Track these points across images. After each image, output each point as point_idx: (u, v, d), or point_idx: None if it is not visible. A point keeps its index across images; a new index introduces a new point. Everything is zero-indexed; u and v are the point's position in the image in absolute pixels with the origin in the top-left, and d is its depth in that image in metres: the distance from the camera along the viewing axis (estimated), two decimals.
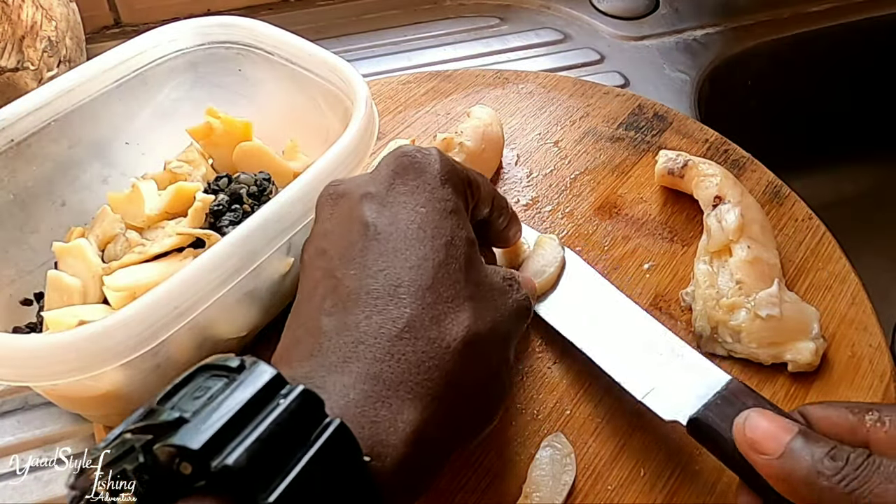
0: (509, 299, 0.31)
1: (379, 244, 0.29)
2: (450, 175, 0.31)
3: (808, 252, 0.44)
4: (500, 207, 0.36)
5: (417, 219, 0.29)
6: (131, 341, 0.28)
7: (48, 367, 0.28)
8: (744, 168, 0.49)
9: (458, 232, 0.30)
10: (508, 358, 0.31)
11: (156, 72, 0.42)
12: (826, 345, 0.38)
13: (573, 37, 0.66)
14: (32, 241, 0.39)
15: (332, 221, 0.31)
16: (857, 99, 0.76)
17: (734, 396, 0.30)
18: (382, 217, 0.29)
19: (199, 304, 0.30)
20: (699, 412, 0.30)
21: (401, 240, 0.29)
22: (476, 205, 0.34)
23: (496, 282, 0.31)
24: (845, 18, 0.69)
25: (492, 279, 0.31)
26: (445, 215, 0.30)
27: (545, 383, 0.37)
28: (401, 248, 0.28)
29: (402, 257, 0.28)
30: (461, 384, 0.27)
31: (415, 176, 0.31)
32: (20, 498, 0.35)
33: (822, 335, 0.38)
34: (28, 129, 0.37)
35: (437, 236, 0.29)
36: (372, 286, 0.27)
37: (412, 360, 0.26)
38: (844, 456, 0.25)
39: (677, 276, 0.42)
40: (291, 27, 0.43)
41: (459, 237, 0.30)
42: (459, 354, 0.27)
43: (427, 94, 0.55)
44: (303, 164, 0.41)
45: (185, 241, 0.36)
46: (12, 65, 0.48)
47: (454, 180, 0.32)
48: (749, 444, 0.27)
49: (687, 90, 0.61)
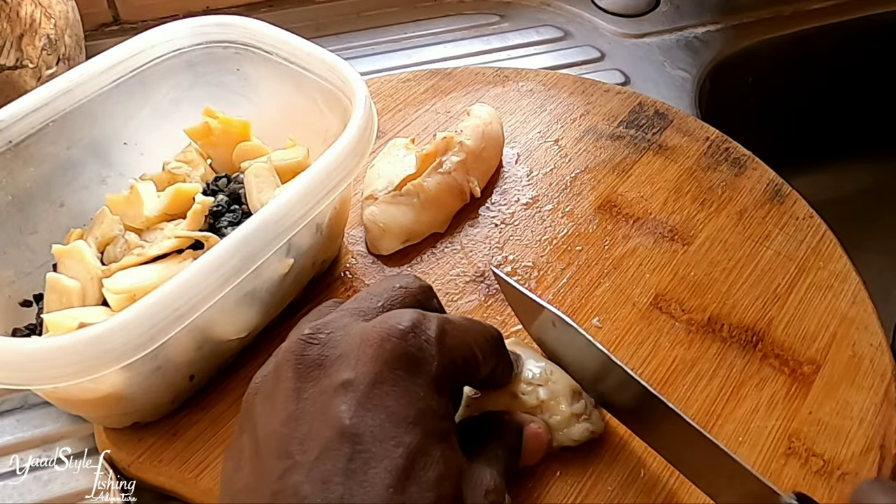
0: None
1: (352, 462, 0.23)
2: (448, 376, 0.27)
3: (809, 251, 0.44)
4: (504, 371, 0.32)
5: (405, 443, 0.24)
6: (131, 344, 0.28)
7: (48, 371, 0.27)
8: (745, 166, 0.49)
9: (451, 468, 0.25)
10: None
11: (154, 72, 0.42)
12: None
13: (573, 34, 0.66)
14: (31, 243, 0.39)
15: (297, 400, 0.25)
16: (859, 96, 0.76)
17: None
18: (363, 421, 0.24)
19: (199, 305, 0.30)
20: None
21: (380, 469, 0.23)
22: (474, 376, 0.30)
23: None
24: (846, 16, 0.69)
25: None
26: (434, 443, 0.25)
27: None
28: (378, 479, 0.23)
29: (376, 489, 0.23)
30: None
31: (407, 373, 0.25)
32: (20, 497, 0.35)
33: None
34: (26, 131, 0.37)
35: (426, 469, 0.24)
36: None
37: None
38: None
39: (677, 275, 0.42)
40: (290, 25, 0.43)
41: (452, 472, 0.25)
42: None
43: (427, 92, 0.54)
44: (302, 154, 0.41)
45: (185, 244, 0.36)
46: (11, 63, 0.48)
47: (452, 379, 0.27)
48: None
49: (688, 88, 0.61)
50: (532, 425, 0.32)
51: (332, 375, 0.25)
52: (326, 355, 0.26)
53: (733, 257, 0.43)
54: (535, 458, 0.32)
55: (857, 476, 0.34)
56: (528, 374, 0.34)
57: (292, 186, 0.33)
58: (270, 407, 0.26)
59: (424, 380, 0.26)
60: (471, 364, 0.28)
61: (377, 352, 0.25)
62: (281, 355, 0.27)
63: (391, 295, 0.30)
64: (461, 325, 0.29)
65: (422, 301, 0.30)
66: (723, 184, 0.48)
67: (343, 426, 0.24)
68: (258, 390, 0.27)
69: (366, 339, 0.26)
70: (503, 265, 0.43)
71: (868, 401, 0.37)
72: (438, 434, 0.25)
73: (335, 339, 0.26)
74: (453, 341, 0.27)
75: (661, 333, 0.40)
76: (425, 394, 0.25)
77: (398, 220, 0.43)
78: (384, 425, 0.24)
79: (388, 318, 0.27)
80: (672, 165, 0.49)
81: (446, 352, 0.27)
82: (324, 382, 0.25)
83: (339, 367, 0.25)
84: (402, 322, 0.26)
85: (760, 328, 0.40)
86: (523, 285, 0.42)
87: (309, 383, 0.25)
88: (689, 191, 0.47)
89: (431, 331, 0.27)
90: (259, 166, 0.39)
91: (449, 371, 0.27)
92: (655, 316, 0.40)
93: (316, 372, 0.25)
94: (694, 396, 0.37)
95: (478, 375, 0.30)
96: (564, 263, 0.43)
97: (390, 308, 0.29)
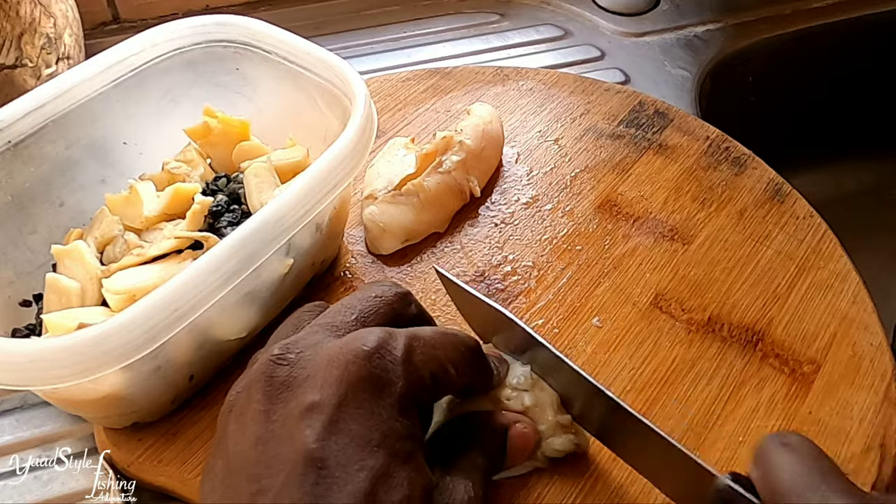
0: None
1: (317, 487, 0.23)
2: (414, 395, 0.26)
3: (810, 250, 0.44)
4: (483, 381, 0.32)
5: (368, 466, 0.24)
6: (131, 344, 0.28)
7: (48, 372, 0.27)
8: (745, 165, 0.49)
9: (416, 489, 0.25)
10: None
11: (153, 71, 0.42)
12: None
13: (574, 33, 0.66)
14: (31, 243, 0.39)
15: (266, 422, 0.25)
16: (859, 95, 0.76)
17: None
18: (328, 446, 0.24)
19: (199, 306, 0.30)
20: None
21: (344, 494, 0.23)
22: (447, 390, 0.30)
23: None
24: (847, 14, 0.69)
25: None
26: (399, 465, 0.25)
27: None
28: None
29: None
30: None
31: (371, 395, 0.25)
32: (20, 497, 0.35)
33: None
34: (25, 131, 0.37)
35: (390, 491, 0.24)
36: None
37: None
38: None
39: (677, 275, 0.42)
40: (289, 24, 0.43)
41: (417, 493, 0.25)
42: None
43: (427, 91, 0.54)
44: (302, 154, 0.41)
45: (184, 244, 0.36)
46: (11, 61, 0.48)
47: (419, 398, 0.27)
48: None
49: (688, 87, 0.60)
50: (518, 425, 0.32)
51: (299, 397, 0.25)
52: (295, 376, 0.26)
53: (733, 257, 0.43)
54: (521, 458, 0.32)
55: (856, 476, 0.34)
56: (512, 380, 0.33)
57: (292, 186, 0.33)
58: (241, 427, 0.26)
59: (389, 401, 0.26)
60: (441, 379, 0.28)
61: (342, 374, 0.25)
62: (251, 375, 0.27)
63: (365, 306, 0.29)
64: (431, 341, 0.28)
65: (398, 309, 0.30)
66: (723, 183, 0.48)
67: (308, 451, 0.24)
68: (231, 408, 0.27)
69: (332, 360, 0.26)
70: (503, 265, 0.43)
71: (868, 401, 0.37)
72: (404, 455, 0.25)
73: (304, 359, 0.26)
74: (421, 358, 0.27)
75: (661, 333, 0.40)
76: (389, 415, 0.25)
77: (398, 219, 0.43)
78: (348, 449, 0.24)
79: (355, 339, 0.27)
80: (672, 165, 0.49)
81: (412, 370, 0.27)
82: (291, 404, 0.25)
83: (306, 388, 0.25)
84: (368, 343, 0.26)
85: (760, 328, 0.40)
86: (523, 285, 0.42)
87: (278, 405, 0.25)
88: (689, 190, 0.47)
89: (398, 350, 0.27)
90: (259, 166, 0.39)
91: (415, 390, 0.27)
92: (655, 315, 0.40)
93: (284, 394, 0.25)
94: (694, 396, 0.37)
95: (452, 389, 0.29)
96: (564, 263, 0.43)
97: (364, 320, 0.29)
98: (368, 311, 0.29)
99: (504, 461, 0.32)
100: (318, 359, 0.26)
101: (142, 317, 0.28)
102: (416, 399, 0.27)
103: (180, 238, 0.36)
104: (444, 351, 0.28)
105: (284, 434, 0.24)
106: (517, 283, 0.42)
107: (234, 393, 0.27)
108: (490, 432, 0.32)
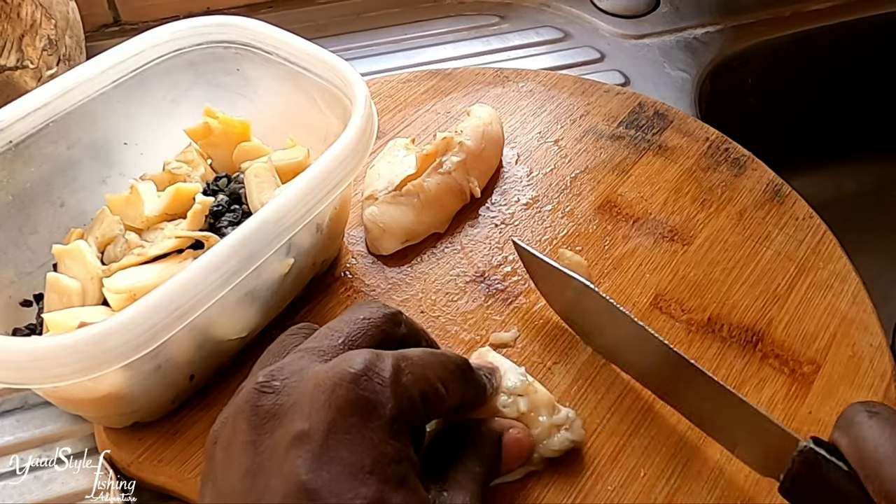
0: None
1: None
2: (404, 416, 0.26)
3: (809, 251, 0.44)
4: (474, 397, 0.32)
5: (362, 494, 0.23)
6: (132, 343, 0.28)
7: (49, 370, 0.27)
8: (744, 166, 0.49)
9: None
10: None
11: (154, 71, 0.42)
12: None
13: (573, 35, 0.66)
14: (31, 243, 0.39)
15: (254, 454, 0.24)
16: (858, 97, 0.76)
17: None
18: (319, 476, 0.23)
19: (200, 305, 0.30)
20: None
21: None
22: (438, 410, 0.29)
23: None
24: (846, 17, 0.69)
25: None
26: (393, 490, 0.24)
27: (545, 384, 0.37)
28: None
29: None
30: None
31: (361, 419, 0.25)
32: (20, 497, 0.35)
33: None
34: (26, 131, 0.37)
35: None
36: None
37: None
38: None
39: (677, 275, 0.42)
40: (290, 25, 0.43)
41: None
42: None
43: (427, 92, 0.54)
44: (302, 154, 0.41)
45: (185, 244, 0.36)
46: (12, 63, 0.48)
47: (410, 419, 0.26)
48: None
49: (687, 88, 0.61)
50: (511, 431, 0.32)
51: (286, 426, 0.24)
52: (281, 404, 0.25)
53: (733, 257, 0.43)
54: (516, 464, 0.32)
55: None
56: (507, 384, 0.33)
57: (292, 186, 0.33)
58: (229, 459, 0.25)
59: (379, 424, 0.25)
60: (432, 399, 0.28)
61: (329, 399, 0.25)
62: (236, 405, 0.26)
63: (352, 329, 0.29)
64: (419, 361, 0.28)
65: (387, 331, 0.29)
66: (723, 184, 0.48)
67: (300, 482, 0.23)
68: (217, 439, 0.26)
69: (318, 385, 0.25)
70: (503, 265, 0.43)
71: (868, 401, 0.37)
72: (397, 480, 0.25)
73: (290, 386, 0.26)
74: (410, 378, 0.27)
75: (661, 333, 0.39)
76: (380, 439, 0.25)
77: (398, 220, 0.43)
78: (340, 478, 0.23)
79: (341, 362, 0.26)
80: (672, 166, 0.49)
81: (402, 391, 0.26)
82: (279, 434, 0.24)
83: (293, 416, 0.25)
84: (354, 365, 0.25)
85: (760, 328, 0.40)
86: (523, 285, 0.42)
87: (265, 435, 0.25)
88: (688, 191, 0.47)
89: (385, 371, 0.26)
90: (259, 166, 0.39)
91: (405, 411, 0.26)
92: (655, 316, 0.40)
93: (271, 423, 0.25)
94: None
95: (443, 408, 0.29)
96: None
97: (351, 343, 0.28)
98: (356, 333, 0.29)
99: (500, 468, 0.32)
100: (304, 384, 0.25)
101: (142, 316, 0.28)
102: (407, 421, 0.26)
103: (181, 238, 0.36)
104: (433, 370, 0.28)
105: (273, 465, 0.24)
106: (517, 284, 0.42)
107: (219, 423, 0.26)
108: (484, 440, 0.31)
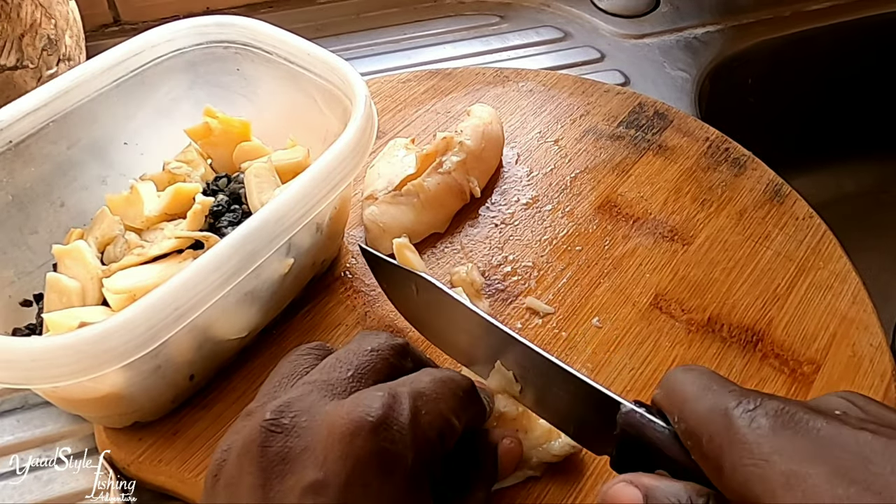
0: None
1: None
2: (425, 463, 0.25)
3: (809, 251, 0.44)
4: (479, 420, 0.31)
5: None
6: (132, 343, 0.28)
7: (49, 370, 0.27)
8: (744, 166, 0.49)
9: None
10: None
11: (154, 71, 0.42)
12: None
13: (573, 35, 0.66)
14: (31, 243, 0.39)
15: (263, 498, 0.23)
16: (858, 97, 0.76)
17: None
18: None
19: (199, 305, 0.30)
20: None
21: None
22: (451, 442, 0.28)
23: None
24: (846, 17, 0.69)
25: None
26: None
27: None
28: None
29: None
30: None
31: (381, 471, 0.23)
32: (20, 497, 0.35)
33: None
34: (26, 131, 0.37)
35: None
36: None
37: None
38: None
39: (677, 275, 0.42)
40: (290, 25, 0.43)
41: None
42: None
43: (427, 92, 0.54)
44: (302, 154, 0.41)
45: (185, 244, 0.36)
46: (11, 63, 0.48)
47: (429, 464, 0.25)
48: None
49: (688, 88, 0.61)
50: (505, 441, 0.32)
51: (298, 472, 0.23)
52: (290, 447, 0.24)
53: (733, 257, 0.43)
54: (509, 472, 0.33)
55: None
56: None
57: (292, 186, 0.33)
58: (234, 500, 0.24)
59: (400, 476, 0.24)
60: (447, 436, 0.27)
61: (347, 449, 0.23)
62: (243, 440, 0.25)
63: (361, 361, 0.28)
64: (433, 395, 0.27)
65: (394, 363, 0.29)
66: (723, 184, 0.48)
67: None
68: (219, 473, 0.25)
69: (333, 431, 0.24)
70: (503, 265, 0.43)
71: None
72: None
73: (300, 426, 0.24)
74: (427, 419, 0.26)
75: (661, 333, 0.40)
76: (399, 493, 0.24)
77: (398, 220, 0.43)
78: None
79: (357, 405, 0.25)
80: (672, 166, 0.49)
81: (420, 435, 0.25)
82: (290, 481, 0.23)
83: (305, 462, 0.23)
84: (372, 412, 0.24)
85: (760, 328, 0.40)
86: (523, 285, 0.42)
87: (274, 479, 0.23)
88: (688, 191, 0.47)
89: (404, 416, 0.25)
90: (259, 166, 0.39)
91: (425, 458, 0.25)
92: (655, 316, 0.40)
93: (280, 467, 0.24)
94: None
95: (455, 440, 0.28)
96: (564, 263, 0.43)
97: (360, 377, 0.27)
98: (365, 366, 0.28)
99: (497, 476, 0.32)
100: (316, 427, 0.24)
101: (142, 316, 0.28)
102: (426, 467, 0.25)
103: (181, 238, 0.36)
104: (446, 402, 0.27)
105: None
106: (517, 284, 0.42)
107: (221, 454, 0.25)
108: (485, 454, 0.31)
